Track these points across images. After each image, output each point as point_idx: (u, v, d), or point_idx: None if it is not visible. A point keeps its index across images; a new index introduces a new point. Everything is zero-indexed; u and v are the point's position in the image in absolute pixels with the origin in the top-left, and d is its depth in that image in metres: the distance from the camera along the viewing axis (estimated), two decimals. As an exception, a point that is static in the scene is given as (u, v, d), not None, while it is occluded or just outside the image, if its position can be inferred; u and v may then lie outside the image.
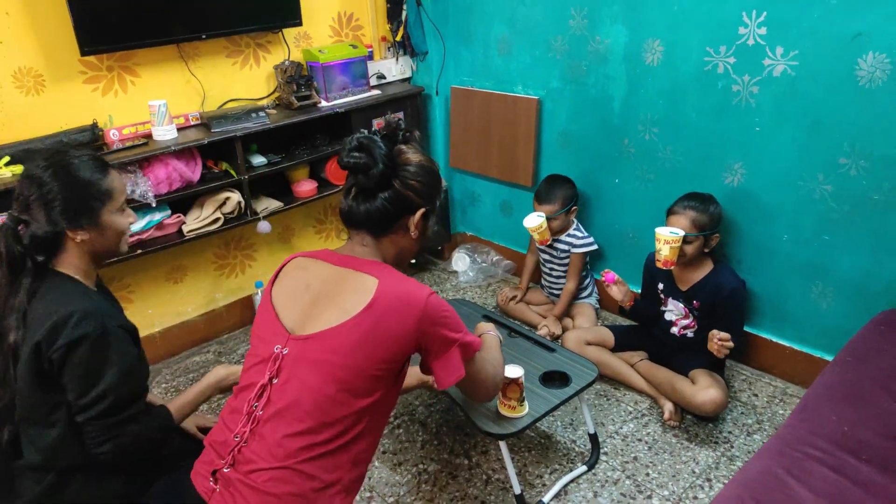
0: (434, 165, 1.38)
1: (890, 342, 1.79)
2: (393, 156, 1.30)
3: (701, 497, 1.91)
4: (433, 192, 1.36)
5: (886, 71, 1.86)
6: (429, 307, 1.22)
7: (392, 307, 1.20)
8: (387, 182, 1.29)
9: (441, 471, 2.07)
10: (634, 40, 2.40)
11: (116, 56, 2.35)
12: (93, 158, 1.42)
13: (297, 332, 1.24)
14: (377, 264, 1.29)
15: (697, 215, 2.14)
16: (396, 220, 1.32)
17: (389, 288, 1.22)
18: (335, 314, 1.21)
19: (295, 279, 1.33)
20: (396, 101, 2.96)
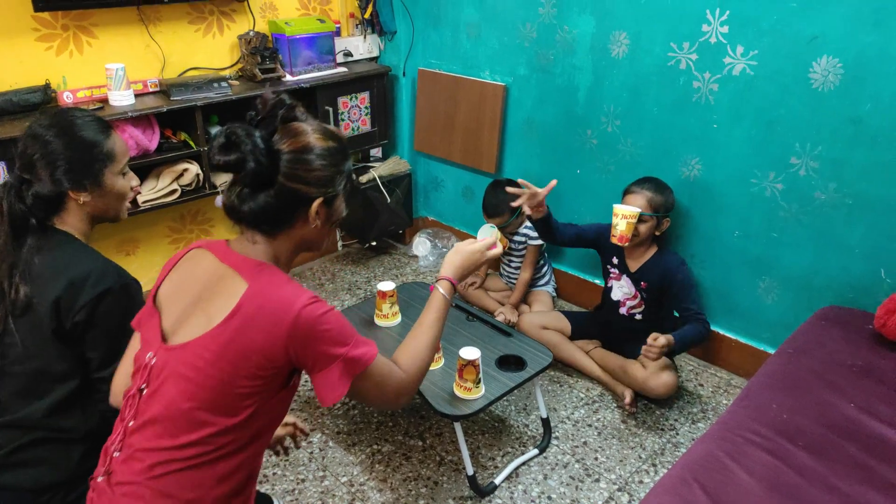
0: (331, 141, 1.17)
1: (830, 336, 1.88)
2: (271, 145, 1.12)
3: (646, 481, 1.97)
4: (332, 175, 1.16)
5: (838, 75, 1.93)
6: (301, 319, 1.05)
7: (256, 317, 1.06)
8: (268, 179, 1.11)
9: (395, 452, 2.08)
10: (601, 31, 2.43)
11: (73, 14, 2.26)
12: (95, 119, 1.42)
13: (169, 338, 1.12)
14: (257, 266, 1.13)
15: (654, 195, 2.20)
16: (289, 216, 1.15)
17: (257, 295, 1.07)
18: (201, 322, 1.09)
19: (183, 273, 1.20)
20: (362, 80, 2.93)
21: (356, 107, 2.95)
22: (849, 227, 2.04)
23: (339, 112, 2.87)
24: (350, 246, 3.44)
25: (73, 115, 1.39)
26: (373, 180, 3.09)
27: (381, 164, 3.20)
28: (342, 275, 3.18)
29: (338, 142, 1.19)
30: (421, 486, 1.95)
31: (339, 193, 1.19)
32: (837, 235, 2.07)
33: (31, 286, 1.30)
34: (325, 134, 1.17)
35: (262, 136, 1.10)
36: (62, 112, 1.40)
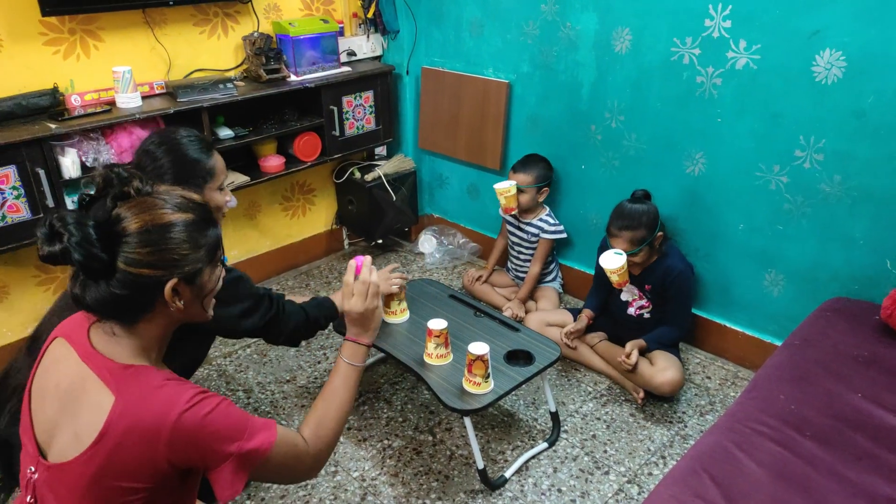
0: (183, 213, 1.03)
1: (835, 328, 1.89)
2: (110, 228, 0.98)
3: (655, 473, 1.99)
4: (186, 254, 1.02)
5: (841, 68, 1.94)
6: (180, 429, 0.96)
7: (129, 437, 0.95)
8: (104, 268, 0.97)
9: (405, 446, 2.10)
10: (604, 28, 2.44)
11: (79, 19, 2.27)
12: (200, 140, 1.60)
13: (45, 451, 1.03)
14: (122, 370, 1.00)
15: (632, 234, 2.19)
16: (142, 303, 1.02)
17: (127, 411, 0.96)
18: (69, 440, 0.99)
19: (47, 371, 1.09)
20: (366, 79, 2.94)
21: (360, 106, 2.96)
22: (853, 219, 2.05)
23: (343, 111, 2.89)
24: (356, 244, 3.46)
25: (180, 136, 1.58)
26: (378, 178, 3.11)
27: (386, 163, 3.22)
28: (349, 273, 3.20)
29: (195, 211, 1.06)
30: (432, 481, 1.97)
31: (202, 268, 1.06)
32: (842, 227, 2.08)
33: None
34: (178, 206, 1.04)
35: (94, 221, 0.98)
36: (171, 132, 1.59)
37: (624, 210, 2.24)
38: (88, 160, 2.19)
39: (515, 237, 2.84)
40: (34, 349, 1.46)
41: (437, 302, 2.28)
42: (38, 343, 1.45)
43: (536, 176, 2.65)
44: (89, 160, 2.19)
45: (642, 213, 2.21)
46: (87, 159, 2.19)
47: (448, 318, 2.02)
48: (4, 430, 1.41)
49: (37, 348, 1.44)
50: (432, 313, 2.15)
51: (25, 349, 1.50)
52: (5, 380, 1.48)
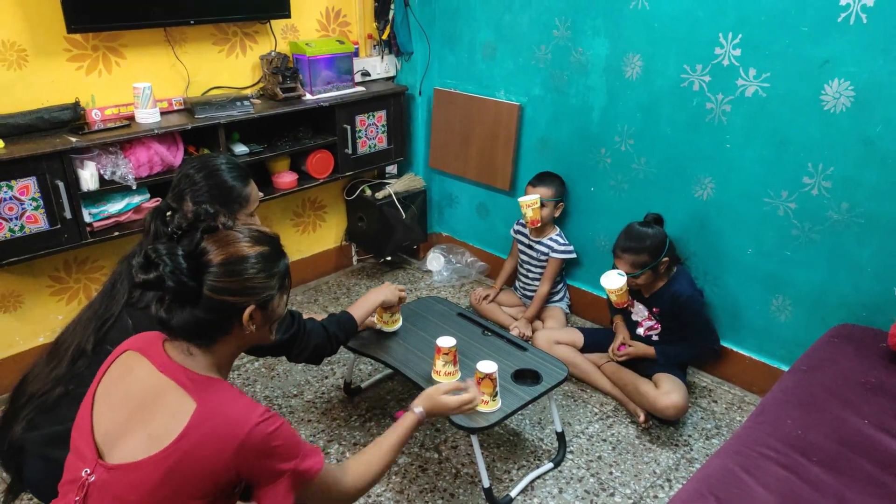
0: (260, 246, 1.15)
1: (843, 354, 1.90)
2: (196, 260, 1.10)
3: (661, 496, 1.98)
4: (263, 283, 1.14)
5: (850, 97, 1.97)
6: (251, 440, 1.05)
7: (206, 440, 1.04)
8: (192, 295, 1.09)
9: (411, 464, 2.11)
10: (615, 53, 2.48)
11: (102, 36, 2.33)
12: (237, 167, 1.68)
13: (105, 454, 1.09)
14: (203, 381, 1.11)
15: (634, 258, 2.22)
16: (221, 326, 1.13)
17: (208, 417, 1.06)
18: (142, 442, 1.06)
19: (116, 381, 1.16)
20: (380, 99, 2.99)
21: (373, 125, 3.01)
22: (861, 246, 2.06)
23: (356, 130, 2.93)
24: (365, 261, 3.49)
25: (219, 162, 1.65)
26: (388, 196, 3.15)
27: (397, 181, 3.26)
28: (357, 289, 3.22)
29: (269, 244, 1.18)
30: (437, 498, 1.97)
31: (275, 295, 1.18)
32: (850, 254, 2.09)
33: None
34: (254, 239, 1.16)
35: (184, 252, 1.10)
36: (211, 158, 1.67)
37: (631, 232, 2.26)
38: (107, 173, 2.23)
39: (525, 255, 2.86)
40: (53, 358, 1.49)
41: (445, 320, 2.29)
42: (58, 352, 1.49)
43: (555, 191, 2.70)
44: (108, 173, 2.24)
45: (647, 237, 2.23)
46: (106, 173, 2.23)
47: (456, 335, 2.03)
48: (20, 437, 1.43)
49: (57, 357, 1.48)
50: (440, 331, 2.17)
51: (45, 358, 1.52)
52: (22, 387, 1.50)
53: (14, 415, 1.47)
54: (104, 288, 1.58)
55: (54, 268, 2.47)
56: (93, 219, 2.27)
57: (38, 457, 1.43)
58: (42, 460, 1.43)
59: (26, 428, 1.43)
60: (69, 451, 1.17)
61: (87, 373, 1.47)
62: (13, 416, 1.47)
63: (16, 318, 2.44)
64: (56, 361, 1.48)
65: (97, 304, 1.55)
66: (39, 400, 1.44)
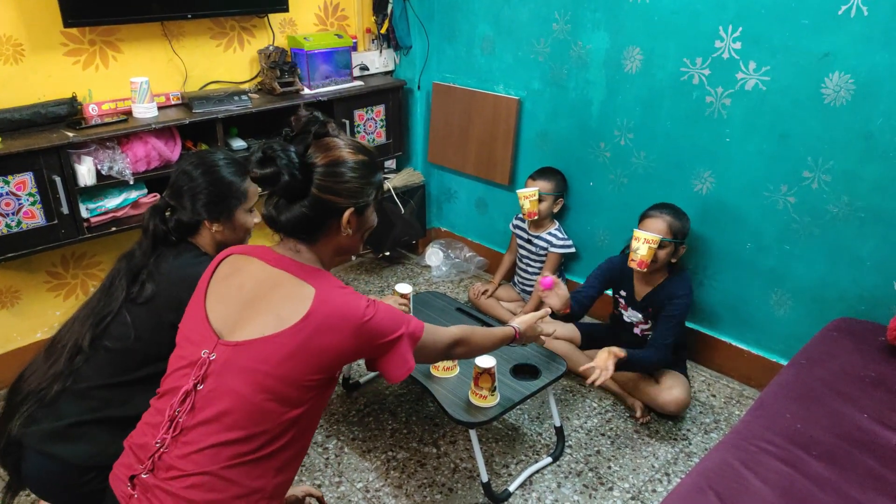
0: (361, 155, 1.26)
1: (842, 347, 1.89)
2: (305, 160, 1.21)
3: (659, 490, 1.98)
4: (360, 188, 1.25)
5: (850, 91, 1.96)
6: (365, 322, 1.18)
7: (328, 320, 1.15)
8: (301, 190, 1.20)
9: (410, 458, 2.11)
10: (615, 47, 2.47)
11: (99, 30, 2.32)
12: (235, 163, 1.66)
13: (226, 336, 1.18)
14: (314, 271, 1.22)
15: (673, 220, 2.18)
16: (323, 225, 1.24)
17: (327, 299, 1.17)
18: (270, 321, 1.16)
19: (227, 278, 1.26)
20: (378, 93, 2.98)
21: (372, 119, 3.00)
22: (861, 240, 2.06)
23: (355, 124, 2.92)
24: (364, 256, 3.48)
25: (217, 158, 1.64)
26: (387, 191, 3.14)
27: (396, 176, 3.25)
28: (356, 284, 3.22)
29: (368, 155, 1.28)
30: (436, 493, 1.97)
31: (370, 203, 1.29)
32: (849, 248, 2.09)
33: (156, 284, 1.52)
34: (355, 148, 1.26)
35: (296, 151, 1.19)
36: (209, 154, 1.65)
37: (667, 203, 2.26)
38: (104, 168, 2.23)
39: (524, 250, 2.86)
40: (51, 355, 1.49)
41: (443, 314, 2.29)
42: (55, 349, 1.49)
43: (555, 186, 2.69)
44: (105, 168, 2.23)
45: (684, 214, 2.24)
46: (103, 168, 2.23)
47: (455, 330, 2.03)
48: (17, 432, 1.43)
49: (54, 354, 1.47)
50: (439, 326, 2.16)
51: (42, 354, 1.52)
52: (19, 384, 1.50)
53: (12, 412, 1.47)
54: (102, 284, 1.57)
55: (52, 263, 2.46)
56: (90, 214, 2.26)
57: (36, 452, 1.43)
58: (41, 456, 1.43)
59: (25, 423, 1.43)
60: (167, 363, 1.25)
61: (85, 369, 1.48)
62: (11, 412, 1.47)
63: (13, 314, 2.43)
64: (54, 358, 1.48)
65: (95, 301, 1.54)
66: (38, 396, 1.44)
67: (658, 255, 2.17)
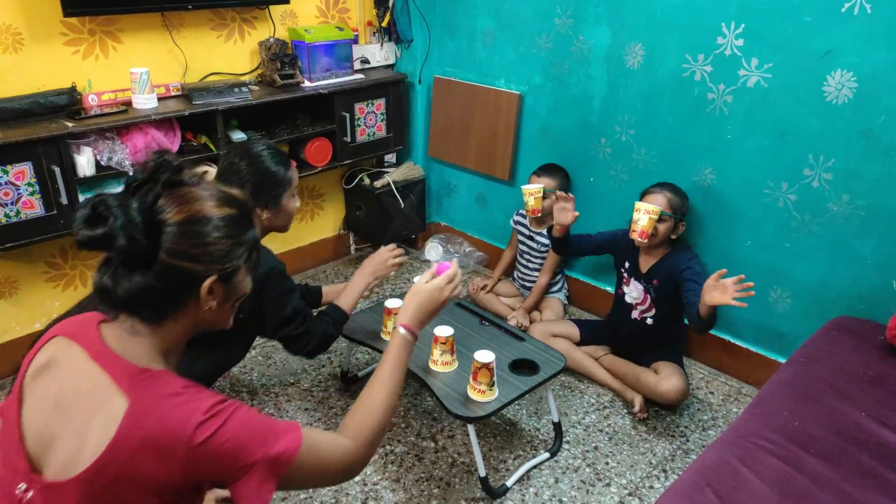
0: (228, 208, 1.00)
1: (841, 346, 1.90)
2: (152, 216, 0.93)
3: (657, 487, 1.99)
4: (227, 251, 0.98)
5: (852, 88, 1.95)
6: (197, 444, 0.89)
7: (144, 447, 0.88)
8: (145, 256, 0.92)
9: (407, 453, 2.11)
10: (617, 42, 2.46)
11: (99, 20, 2.31)
12: (279, 153, 1.76)
13: (39, 464, 0.93)
14: (138, 373, 0.93)
15: (673, 196, 2.23)
16: (176, 298, 0.97)
17: (142, 418, 0.89)
18: (74, 448, 0.90)
19: (43, 373, 0.99)
20: (379, 87, 2.97)
21: (372, 113, 2.99)
22: (861, 238, 2.06)
23: (355, 118, 2.91)
24: (363, 250, 3.48)
25: (261, 149, 1.73)
26: (387, 185, 3.13)
27: (396, 170, 3.24)
28: (355, 278, 3.21)
29: (237, 207, 1.02)
30: (433, 487, 1.97)
31: (240, 267, 1.02)
32: (850, 246, 2.09)
33: None
34: (221, 200, 1.00)
35: (139, 206, 0.93)
36: (252, 145, 1.75)
37: (668, 182, 2.30)
38: (103, 159, 2.22)
39: (525, 246, 2.85)
40: None
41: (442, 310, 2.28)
42: None
43: (559, 183, 2.68)
44: (104, 159, 2.22)
45: (684, 193, 2.28)
46: (102, 158, 2.22)
47: (453, 325, 2.03)
48: None
49: None
50: (438, 320, 2.14)
51: None
52: None
53: None
54: None
55: (50, 254, 2.45)
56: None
57: None
58: None
59: None
60: None
61: None
62: None
63: (12, 304, 2.43)
64: None
65: None
66: None
67: (658, 229, 2.21)
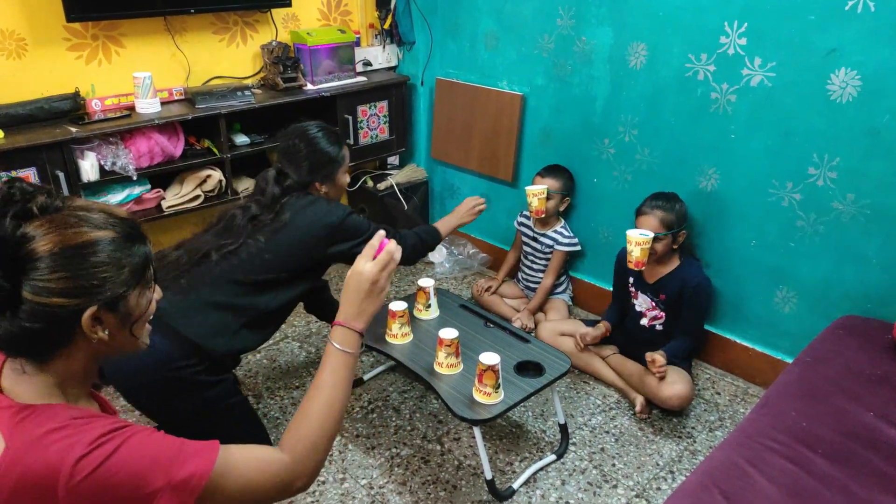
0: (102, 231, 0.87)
1: (847, 345, 1.89)
2: (12, 252, 0.82)
3: (664, 488, 1.98)
4: (109, 275, 0.87)
5: (857, 87, 1.95)
6: (78, 480, 0.80)
7: (18, 493, 0.81)
8: (7, 300, 0.82)
9: (414, 455, 2.11)
10: (619, 43, 2.46)
11: (102, 25, 2.32)
12: (332, 133, 1.95)
13: None
14: (19, 412, 0.85)
15: (665, 214, 2.21)
16: (56, 336, 0.87)
17: (17, 459, 0.81)
18: None
19: None
20: (381, 89, 2.97)
21: (375, 115, 2.99)
22: (866, 237, 2.05)
23: (358, 120, 2.92)
24: (366, 252, 3.48)
25: (316, 131, 1.92)
26: (390, 187, 3.13)
27: (399, 172, 3.24)
28: (359, 281, 3.21)
29: (116, 227, 0.89)
30: (440, 490, 1.97)
31: (129, 291, 0.90)
32: (855, 246, 2.08)
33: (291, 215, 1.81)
34: (96, 223, 0.88)
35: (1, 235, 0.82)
36: (309, 127, 1.92)
37: (660, 193, 2.28)
38: (107, 164, 2.22)
39: (529, 247, 2.85)
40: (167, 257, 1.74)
41: (447, 311, 2.28)
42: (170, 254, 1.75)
43: (563, 184, 2.67)
44: (108, 164, 2.23)
45: (676, 199, 2.26)
46: (106, 163, 2.22)
47: (458, 327, 2.02)
48: None
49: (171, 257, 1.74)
50: (442, 322, 2.16)
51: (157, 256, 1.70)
52: None
53: None
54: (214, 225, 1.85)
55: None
56: None
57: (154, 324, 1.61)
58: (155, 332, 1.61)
59: None
60: None
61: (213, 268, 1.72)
62: None
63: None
64: (174, 259, 1.73)
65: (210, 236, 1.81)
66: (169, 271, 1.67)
67: (655, 249, 2.21)
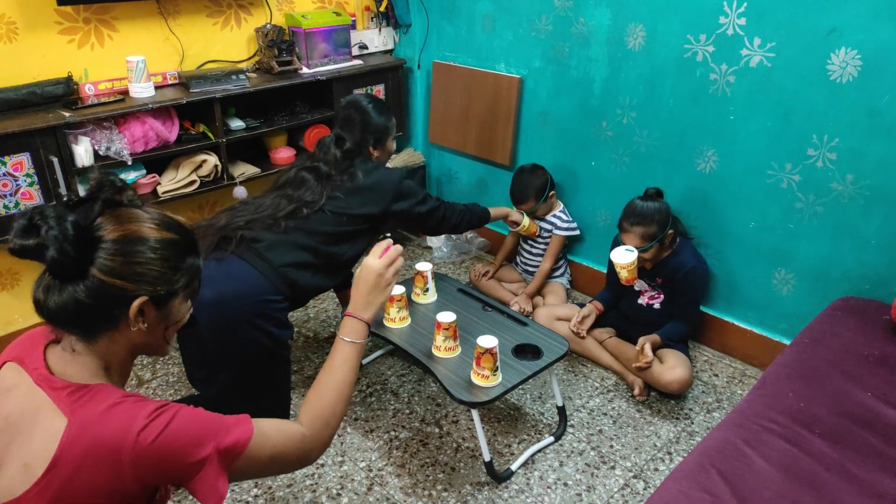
0: (168, 233, 0.99)
1: (845, 326, 1.89)
2: (88, 233, 0.93)
3: (661, 469, 1.99)
4: (164, 271, 0.98)
5: (857, 67, 1.93)
6: (143, 448, 0.89)
7: (87, 461, 0.88)
8: (75, 270, 0.92)
9: (412, 438, 2.11)
10: (617, 24, 2.43)
11: (94, 8, 2.29)
12: (380, 103, 2.13)
13: None
14: (77, 391, 0.94)
15: (644, 229, 2.21)
16: (106, 317, 0.96)
17: (81, 434, 0.89)
18: (18, 471, 0.90)
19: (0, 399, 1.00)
20: (378, 73, 2.95)
21: (371, 99, 2.96)
22: (865, 218, 2.04)
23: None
24: (364, 237, 3.47)
25: (367, 103, 2.08)
26: (388, 172, 3.11)
27: (396, 156, 3.22)
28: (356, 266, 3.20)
29: (179, 233, 1.01)
30: (438, 472, 1.98)
31: (177, 294, 1.01)
32: (854, 227, 2.07)
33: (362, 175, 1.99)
34: (161, 224, 1.00)
35: (75, 220, 0.92)
36: (360, 99, 2.10)
37: (636, 207, 2.24)
38: (101, 149, 2.21)
39: (527, 232, 2.84)
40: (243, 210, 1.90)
41: (445, 295, 2.28)
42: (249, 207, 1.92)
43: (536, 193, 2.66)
44: (102, 149, 2.21)
45: (654, 210, 2.22)
46: (100, 148, 2.20)
47: (456, 311, 2.02)
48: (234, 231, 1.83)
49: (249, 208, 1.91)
50: (441, 306, 2.16)
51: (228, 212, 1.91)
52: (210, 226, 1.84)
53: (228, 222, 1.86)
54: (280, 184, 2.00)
55: (51, 245, 2.45)
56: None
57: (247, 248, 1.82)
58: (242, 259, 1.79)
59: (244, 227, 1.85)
60: None
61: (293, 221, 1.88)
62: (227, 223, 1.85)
63: (14, 296, 2.42)
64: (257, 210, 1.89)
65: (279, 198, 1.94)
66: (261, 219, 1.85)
67: (644, 258, 2.25)
